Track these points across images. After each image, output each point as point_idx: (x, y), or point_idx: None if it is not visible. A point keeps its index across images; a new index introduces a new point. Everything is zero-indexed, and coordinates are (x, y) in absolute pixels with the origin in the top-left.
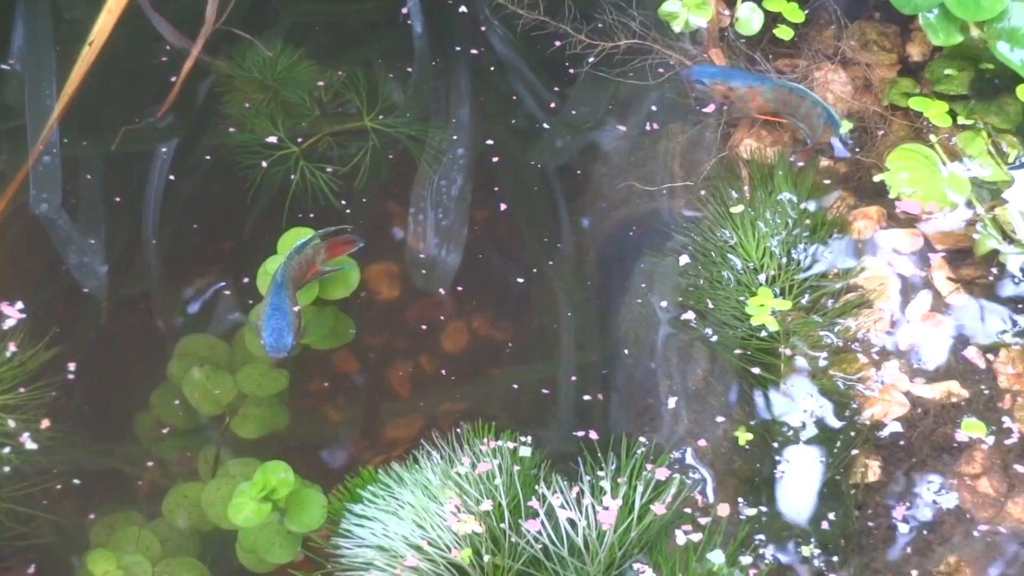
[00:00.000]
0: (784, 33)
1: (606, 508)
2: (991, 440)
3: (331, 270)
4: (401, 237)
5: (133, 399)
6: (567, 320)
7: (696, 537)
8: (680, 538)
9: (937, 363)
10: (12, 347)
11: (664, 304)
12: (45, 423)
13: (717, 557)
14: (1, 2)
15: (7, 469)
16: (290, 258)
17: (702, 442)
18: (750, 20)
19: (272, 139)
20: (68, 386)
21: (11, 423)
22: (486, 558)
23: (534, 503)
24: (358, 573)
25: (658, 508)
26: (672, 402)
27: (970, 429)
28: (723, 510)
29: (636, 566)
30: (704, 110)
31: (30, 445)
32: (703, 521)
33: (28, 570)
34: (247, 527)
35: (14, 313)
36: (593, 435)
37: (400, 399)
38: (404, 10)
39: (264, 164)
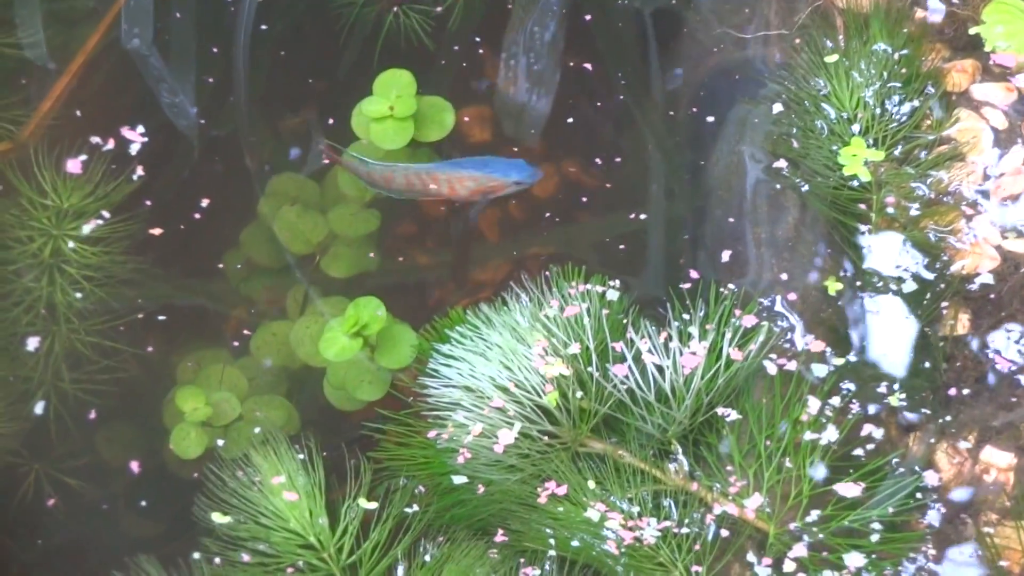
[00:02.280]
0: None
1: (693, 353)
2: None
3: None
4: (493, 81)
5: (223, 237)
6: (658, 167)
7: (783, 362)
8: (771, 368)
9: None
10: (140, 170)
11: (756, 152)
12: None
13: (811, 403)
14: None
15: (90, 302)
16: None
17: (791, 291)
18: None
19: None
20: (157, 221)
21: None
22: (572, 401)
23: (621, 347)
24: (444, 412)
25: (736, 354)
26: (762, 250)
27: None
28: (815, 350)
29: (721, 410)
30: None
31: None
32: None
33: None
34: (337, 362)
35: (136, 137)
36: (682, 281)
37: (489, 242)
38: None
39: (357, 4)
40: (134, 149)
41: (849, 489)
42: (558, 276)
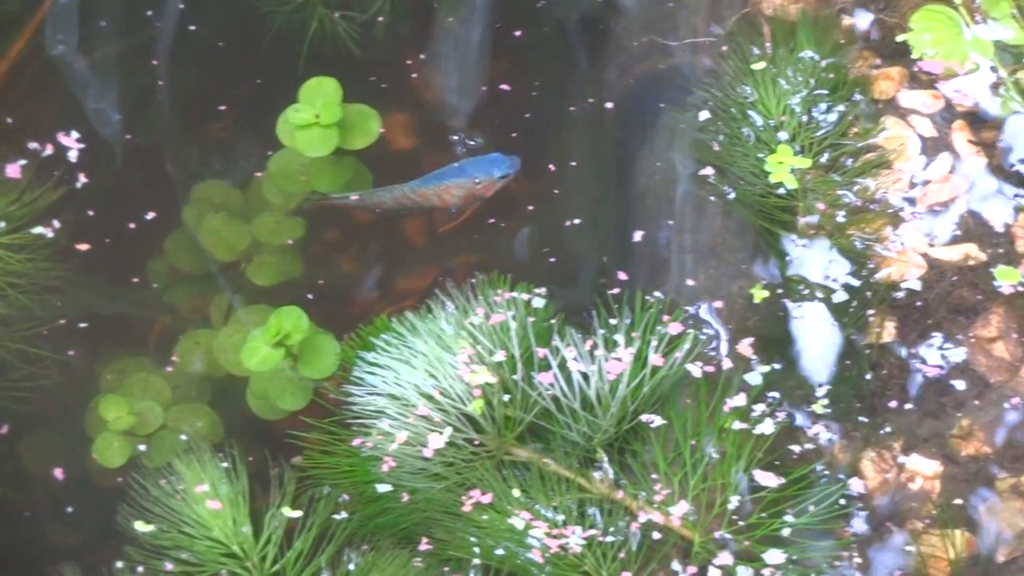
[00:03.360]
0: None
1: (619, 360)
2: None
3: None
4: (419, 88)
5: (147, 244)
6: (585, 174)
7: (710, 368)
8: (695, 371)
9: (955, 225)
10: (83, 177)
11: (683, 160)
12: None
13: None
14: None
15: (14, 309)
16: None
17: (717, 298)
18: None
19: None
20: (81, 228)
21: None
22: (498, 409)
23: (547, 355)
24: (369, 421)
25: (659, 361)
26: (688, 257)
27: (1004, 277)
28: (734, 364)
29: (646, 417)
30: None
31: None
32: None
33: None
34: (259, 372)
35: (73, 144)
36: (609, 288)
37: (415, 249)
38: None
39: (283, 11)
40: (73, 156)
41: (767, 478)
42: (484, 284)
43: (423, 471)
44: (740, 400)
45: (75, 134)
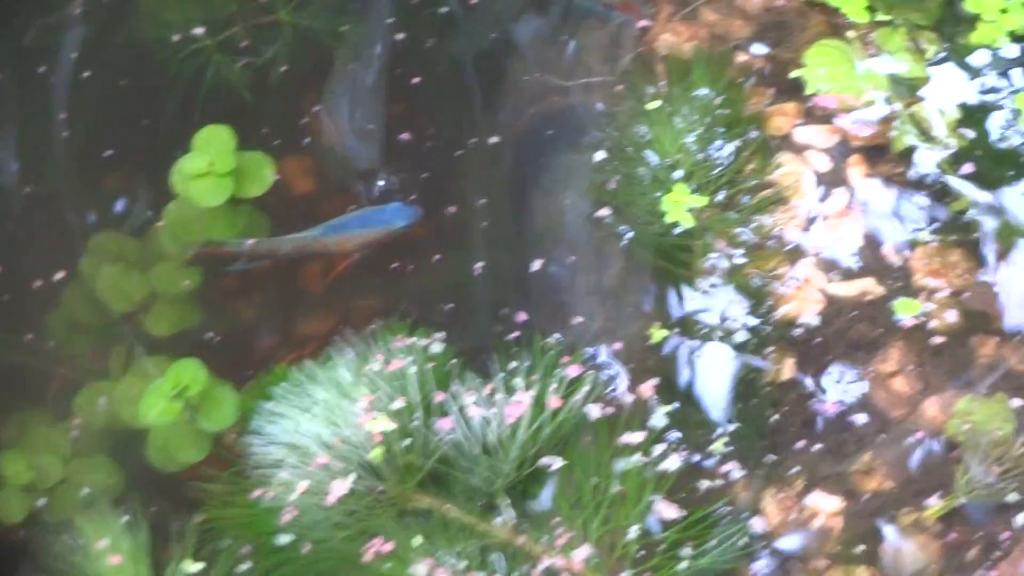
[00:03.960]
0: None
1: (519, 404)
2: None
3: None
4: (316, 132)
5: (45, 295)
6: (482, 216)
7: (609, 410)
8: (594, 412)
9: (853, 261)
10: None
11: (580, 201)
12: None
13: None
14: None
15: None
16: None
17: (616, 340)
18: None
19: (186, 33)
20: None
21: None
22: (399, 456)
23: (447, 400)
24: (269, 471)
25: (556, 403)
26: (587, 299)
27: (904, 310)
28: (635, 405)
29: (546, 460)
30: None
31: None
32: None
33: None
34: (158, 425)
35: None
36: (508, 332)
37: (313, 295)
38: None
39: (178, 59)
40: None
41: (671, 515)
42: (383, 330)
43: (325, 520)
44: (640, 440)
45: None
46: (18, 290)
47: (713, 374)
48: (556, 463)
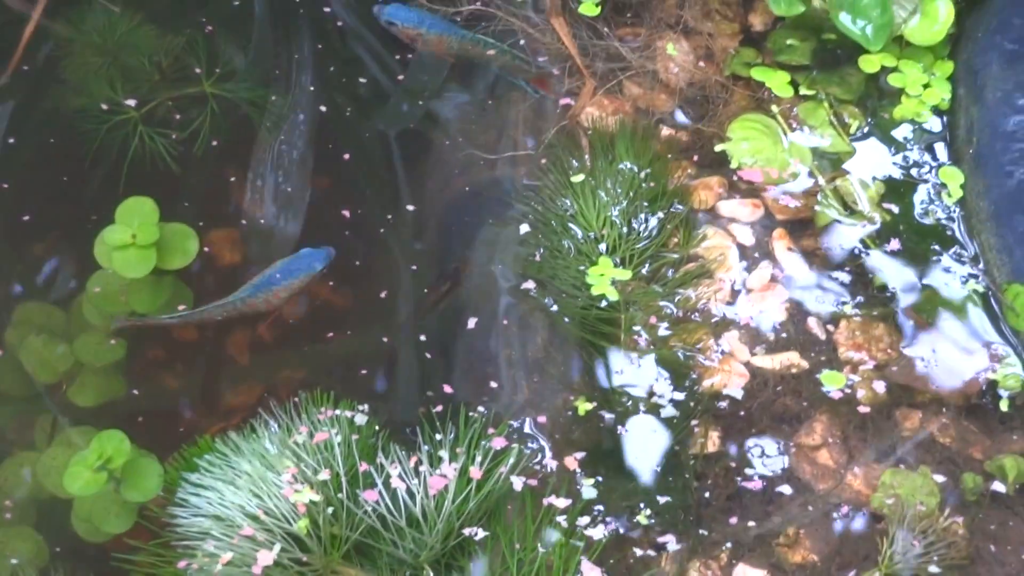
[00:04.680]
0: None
1: (444, 476)
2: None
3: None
4: (241, 203)
5: None
6: (407, 288)
7: (533, 482)
8: (517, 484)
9: (777, 334)
10: None
11: (505, 273)
12: None
13: (552, 534)
14: None
15: None
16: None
17: (541, 412)
18: None
19: (111, 104)
20: None
21: None
22: (324, 528)
23: (372, 472)
24: (194, 543)
25: (477, 473)
26: (513, 371)
27: (830, 382)
28: (559, 477)
29: (469, 530)
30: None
31: None
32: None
33: None
34: (83, 496)
35: None
36: (433, 404)
37: (238, 366)
38: None
39: (103, 129)
40: None
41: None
42: (307, 401)
43: None
44: (566, 505)
45: None
46: None
47: (639, 446)
48: (478, 533)
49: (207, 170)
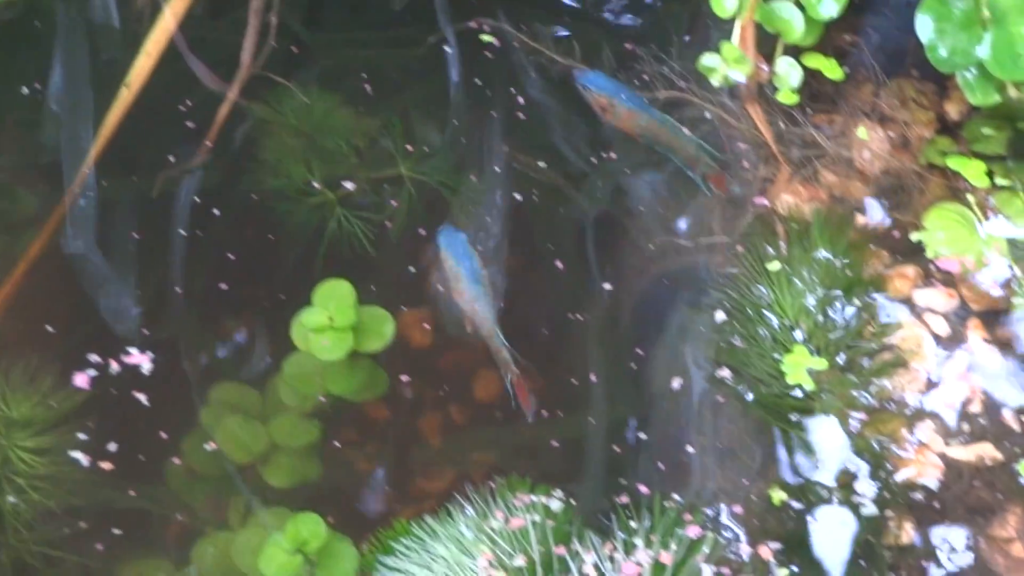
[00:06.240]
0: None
1: (639, 564)
2: None
3: None
4: (437, 286)
5: (165, 444)
6: (601, 373)
7: (727, 571)
8: (707, 573)
9: (971, 424)
10: (144, 399)
11: (699, 360)
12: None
13: None
14: (40, 44)
15: (34, 510)
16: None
17: (735, 500)
18: (788, 75)
19: (308, 185)
20: (99, 429)
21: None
22: None
23: (565, 558)
24: None
25: (667, 558)
26: (706, 459)
27: None
28: (754, 567)
29: None
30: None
31: (58, 485)
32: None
33: None
34: None
35: (145, 361)
36: (627, 491)
37: (432, 449)
38: (443, 54)
39: (299, 210)
40: (152, 367)
41: None
42: (503, 486)
43: None
44: None
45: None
46: (139, 440)
47: (832, 537)
48: None
49: (402, 252)
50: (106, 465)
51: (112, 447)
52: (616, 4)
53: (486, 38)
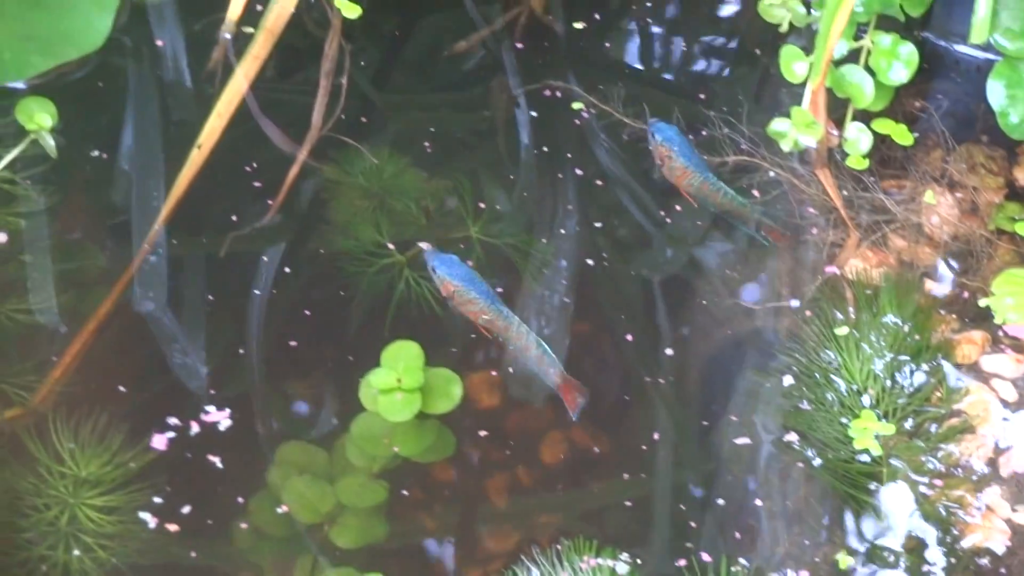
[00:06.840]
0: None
1: None
2: None
3: None
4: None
5: (232, 503)
6: (667, 436)
7: None
8: None
9: None
10: (216, 460)
11: (767, 424)
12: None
13: None
14: (112, 104)
15: (105, 570)
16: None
17: (802, 566)
18: (858, 141)
19: (377, 246)
20: (169, 487)
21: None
22: None
23: None
24: None
25: None
26: (773, 523)
27: None
28: None
29: None
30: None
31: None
32: None
33: None
34: None
35: (223, 418)
36: (694, 554)
37: (498, 510)
38: (513, 116)
39: (368, 271)
40: (223, 426)
41: None
42: (569, 549)
43: None
44: None
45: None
46: (206, 498)
47: None
48: None
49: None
50: (172, 527)
51: (184, 509)
52: (684, 67)
53: (576, 105)
